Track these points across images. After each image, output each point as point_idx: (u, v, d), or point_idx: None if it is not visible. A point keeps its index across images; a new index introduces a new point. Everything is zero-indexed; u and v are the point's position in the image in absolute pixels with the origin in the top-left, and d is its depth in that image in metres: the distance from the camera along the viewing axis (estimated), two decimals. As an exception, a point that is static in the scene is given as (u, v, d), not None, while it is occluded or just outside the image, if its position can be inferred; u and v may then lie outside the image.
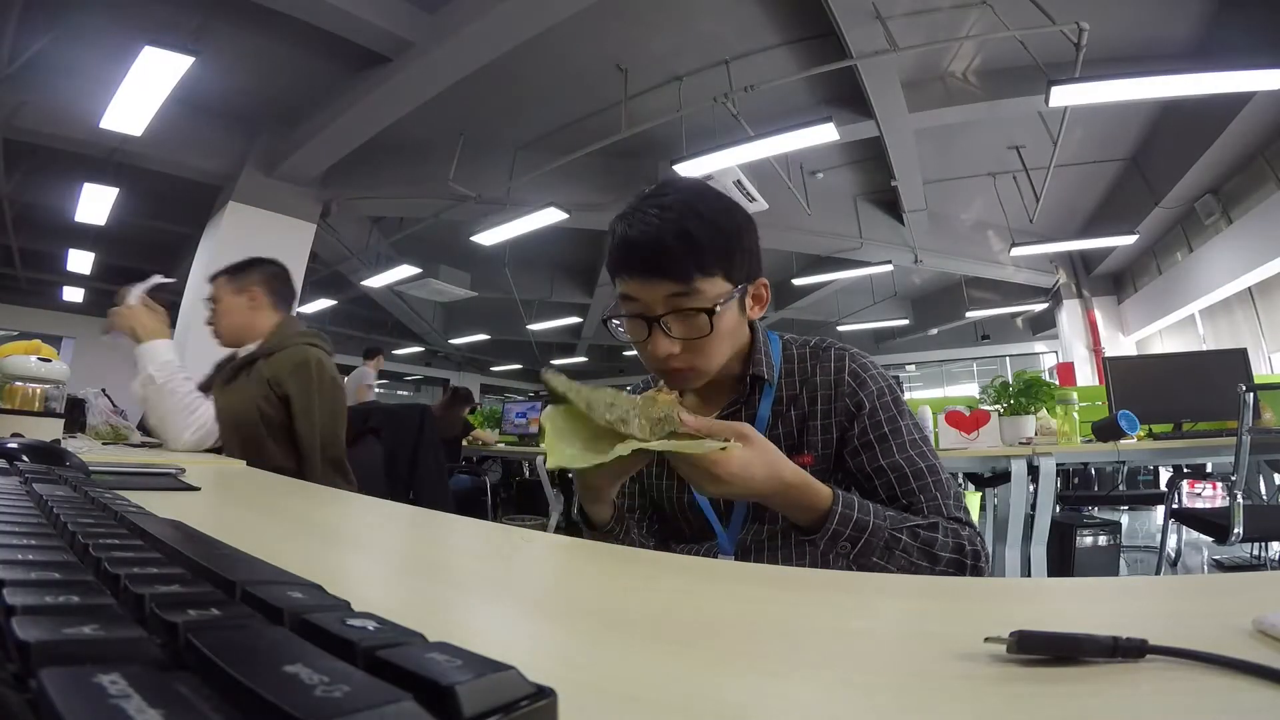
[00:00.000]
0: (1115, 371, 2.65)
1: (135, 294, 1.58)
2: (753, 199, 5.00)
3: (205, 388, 1.71)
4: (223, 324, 1.66)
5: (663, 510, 0.87)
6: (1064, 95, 3.51)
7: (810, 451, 0.78)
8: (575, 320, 9.85)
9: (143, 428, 2.08)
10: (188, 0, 3.78)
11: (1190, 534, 3.17)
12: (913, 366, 11.53)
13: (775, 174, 5.37)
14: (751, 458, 0.58)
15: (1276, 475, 2.88)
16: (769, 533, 0.78)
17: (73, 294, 8.20)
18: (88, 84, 4.10)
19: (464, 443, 4.57)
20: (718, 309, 0.70)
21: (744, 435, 0.59)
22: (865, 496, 0.77)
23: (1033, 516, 2.41)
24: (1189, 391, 2.52)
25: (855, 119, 4.85)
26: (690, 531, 0.83)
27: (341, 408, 1.62)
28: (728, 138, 4.29)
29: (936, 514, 0.72)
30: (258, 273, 1.70)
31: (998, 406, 2.60)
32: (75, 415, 2.33)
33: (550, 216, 5.13)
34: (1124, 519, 4.11)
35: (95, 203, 5.05)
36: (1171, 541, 2.69)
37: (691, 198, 0.71)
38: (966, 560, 0.68)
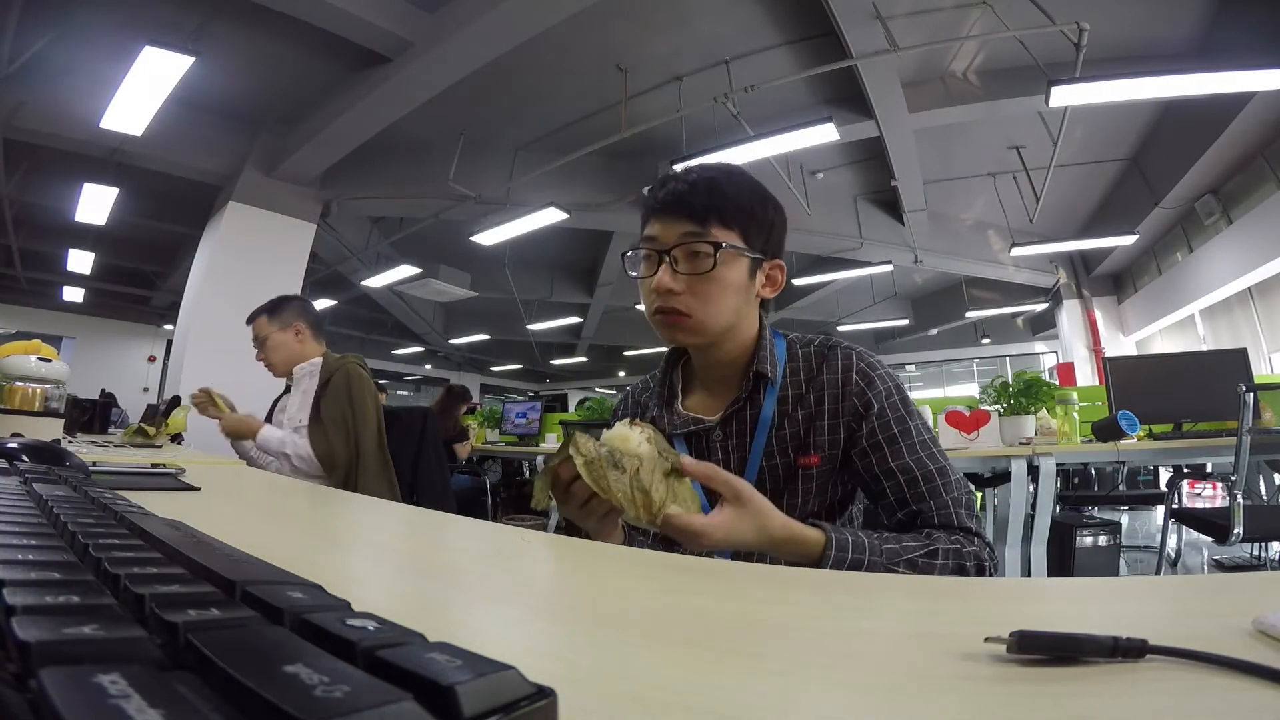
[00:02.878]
0: (1115, 371, 2.65)
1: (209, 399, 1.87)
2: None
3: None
4: (276, 358, 1.86)
5: None
6: (1064, 95, 3.51)
7: (817, 452, 0.78)
8: (575, 320, 9.84)
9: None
10: (187, 0, 3.77)
11: (1190, 534, 3.17)
12: (913, 366, 11.53)
13: (775, 174, 5.37)
14: (737, 523, 0.59)
15: (1276, 475, 2.88)
16: None
17: (73, 294, 8.20)
18: (88, 84, 4.10)
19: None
20: (724, 245, 0.74)
21: (739, 496, 0.59)
22: (873, 498, 0.77)
23: (1033, 516, 2.40)
24: (1189, 391, 2.52)
25: (855, 119, 4.85)
26: None
27: (374, 415, 1.81)
28: (728, 138, 4.29)
29: (946, 523, 0.71)
30: (295, 308, 1.89)
31: (998, 406, 2.60)
32: (99, 414, 2.44)
33: (550, 216, 5.13)
34: (1124, 519, 4.11)
35: (95, 203, 5.05)
36: (1171, 541, 2.69)
37: (731, 168, 0.80)
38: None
